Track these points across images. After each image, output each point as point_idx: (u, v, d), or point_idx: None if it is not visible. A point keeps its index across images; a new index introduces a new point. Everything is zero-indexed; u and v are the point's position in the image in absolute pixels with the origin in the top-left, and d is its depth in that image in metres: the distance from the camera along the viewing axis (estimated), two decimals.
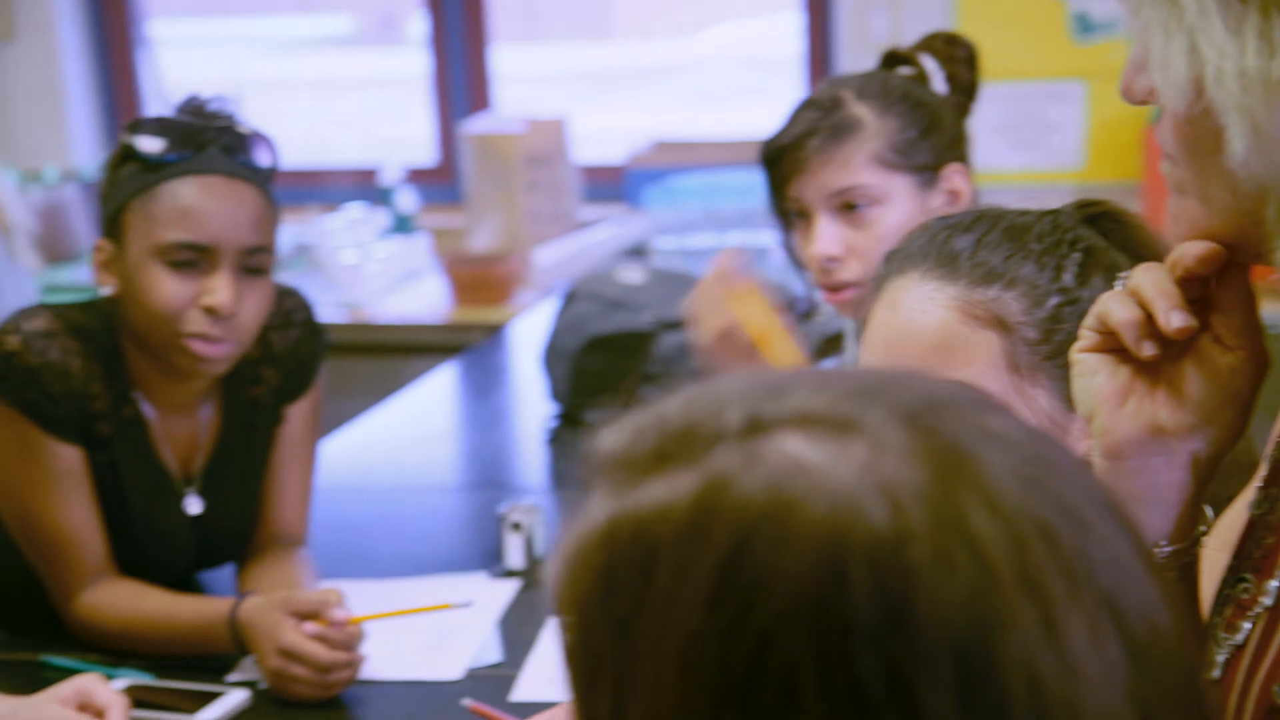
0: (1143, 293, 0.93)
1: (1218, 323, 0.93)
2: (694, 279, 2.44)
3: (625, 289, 2.42)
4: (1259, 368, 0.94)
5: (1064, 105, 3.61)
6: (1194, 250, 0.91)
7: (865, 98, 1.77)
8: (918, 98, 1.79)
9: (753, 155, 1.85)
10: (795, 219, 1.80)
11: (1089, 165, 3.64)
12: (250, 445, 1.87)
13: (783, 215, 1.83)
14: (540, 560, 1.93)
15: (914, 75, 1.84)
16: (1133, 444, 0.94)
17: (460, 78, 4.19)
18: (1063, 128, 3.63)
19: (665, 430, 0.59)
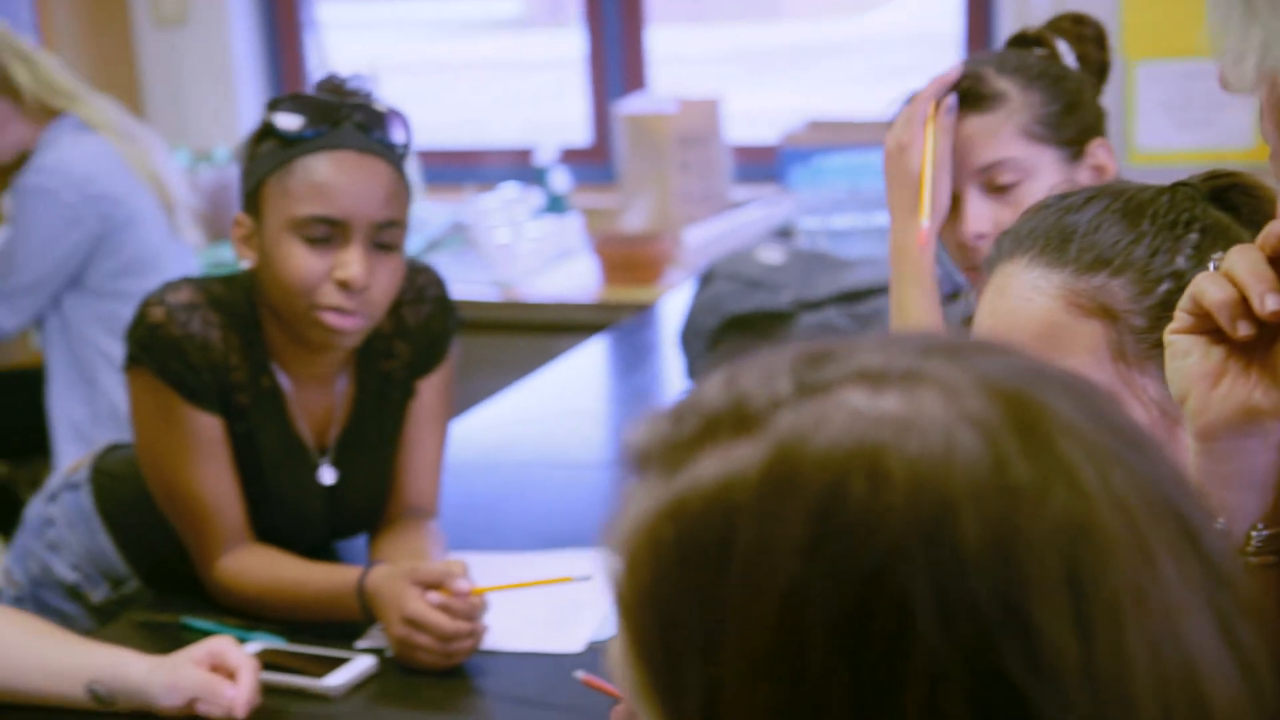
0: (1236, 274, 0.91)
1: None
2: (835, 260, 2.43)
3: (765, 269, 2.41)
4: None
5: None
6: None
7: (1005, 73, 1.74)
8: (1058, 73, 1.76)
9: None
10: None
11: (1259, 143, 3.51)
12: (382, 418, 1.91)
13: None
14: None
15: (1045, 55, 1.80)
16: (1226, 425, 0.92)
17: (616, 58, 4.21)
18: (1232, 105, 3.51)
19: (708, 411, 0.59)
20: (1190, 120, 3.55)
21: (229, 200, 3.87)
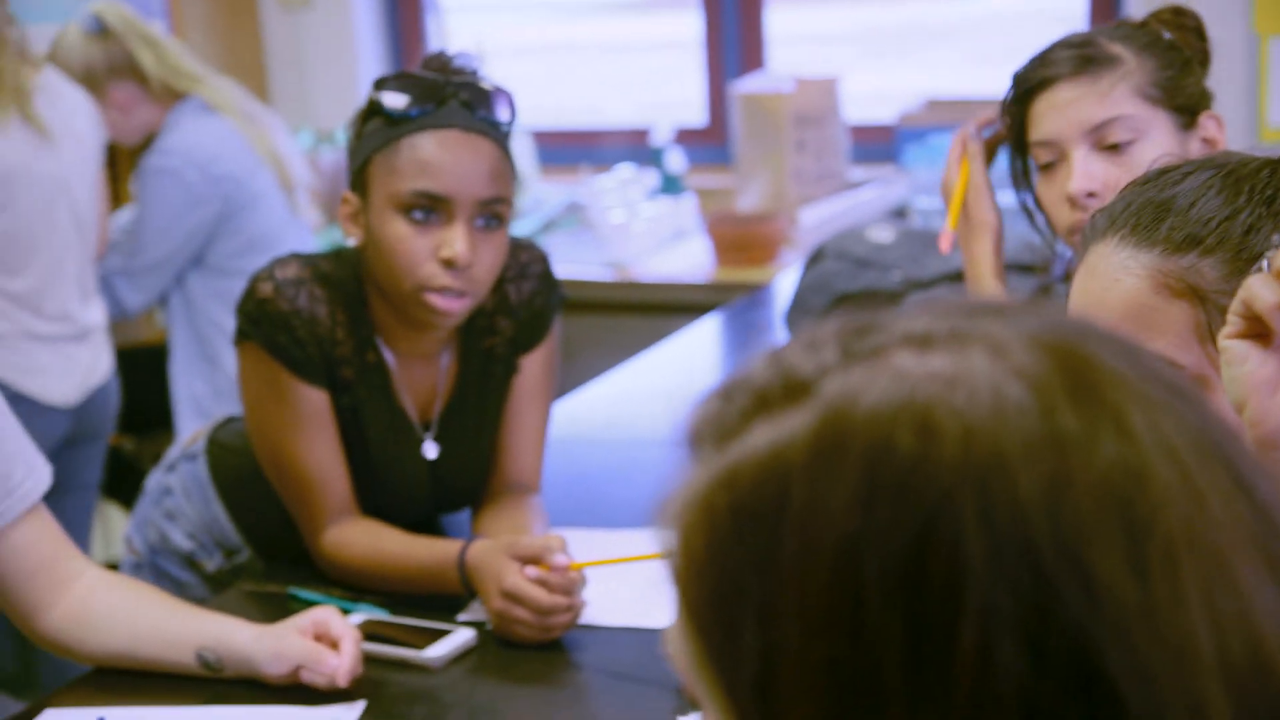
0: None
1: None
2: None
3: (874, 248, 2.38)
4: None
5: None
6: None
7: (1118, 40, 1.72)
8: (1169, 44, 1.74)
9: None
10: (1042, 168, 1.74)
11: None
12: (485, 394, 1.92)
13: (1024, 168, 1.78)
14: None
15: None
16: None
17: (733, 38, 4.19)
18: None
19: (757, 385, 0.60)
20: None
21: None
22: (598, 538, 1.89)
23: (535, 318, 1.93)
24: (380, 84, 1.77)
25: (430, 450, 1.90)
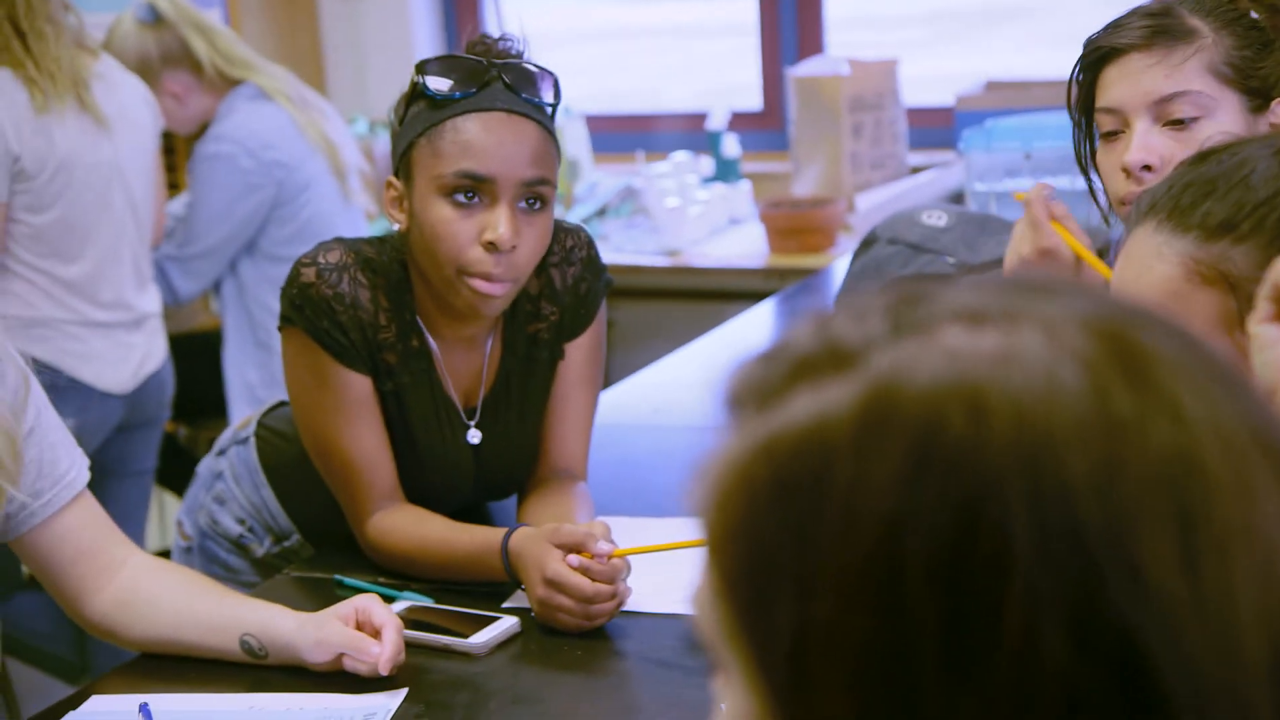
0: None
1: None
2: (1000, 223, 2.35)
3: (928, 232, 2.34)
4: None
5: None
6: None
7: (1199, 13, 1.67)
8: (1252, 22, 1.68)
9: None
10: (1104, 136, 1.70)
11: None
12: (529, 380, 1.91)
13: (1089, 135, 1.73)
14: None
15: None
16: None
17: (790, 22, 4.15)
18: None
19: (799, 353, 0.59)
20: None
21: None
22: (643, 525, 1.87)
23: (580, 303, 1.91)
24: (422, 67, 1.76)
25: (474, 436, 1.89)
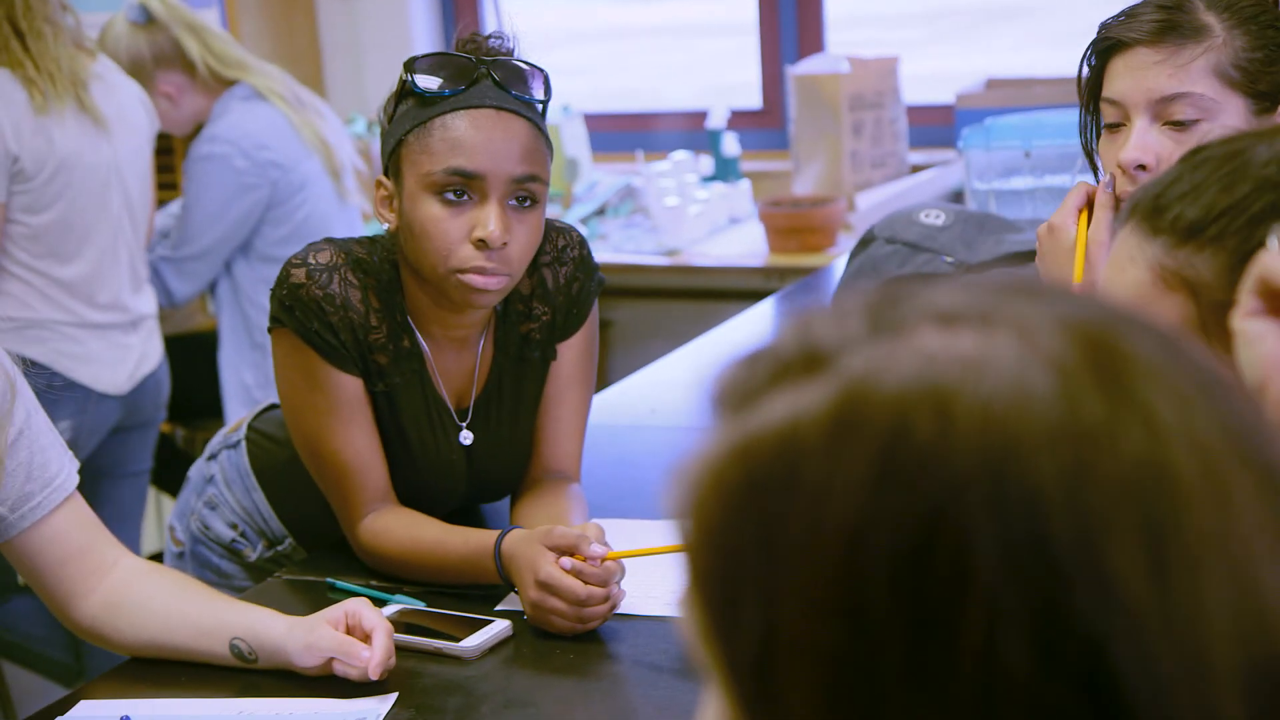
0: None
1: None
2: (999, 221, 2.33)
3: (926, 230, 2.32)
4: None
5: None
6: None
7: (1215, 9, 1.63)
8: (1269, 21, 1.64)
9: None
10: (1107, 127, 1.67)
11: None
12: (522, 381, 1.89)
13: (1095, 122, 1.70)
14: None
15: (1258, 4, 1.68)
16: None
17: (790, 21, 4.13)
18: None
19: (779, 355, 0.58)
20: None
21: None
22: (638, 527, 1.85)
23: (573, 303, 1.90)
24: (411, 65, 1.75)
25: (466, 437, 1.87)
